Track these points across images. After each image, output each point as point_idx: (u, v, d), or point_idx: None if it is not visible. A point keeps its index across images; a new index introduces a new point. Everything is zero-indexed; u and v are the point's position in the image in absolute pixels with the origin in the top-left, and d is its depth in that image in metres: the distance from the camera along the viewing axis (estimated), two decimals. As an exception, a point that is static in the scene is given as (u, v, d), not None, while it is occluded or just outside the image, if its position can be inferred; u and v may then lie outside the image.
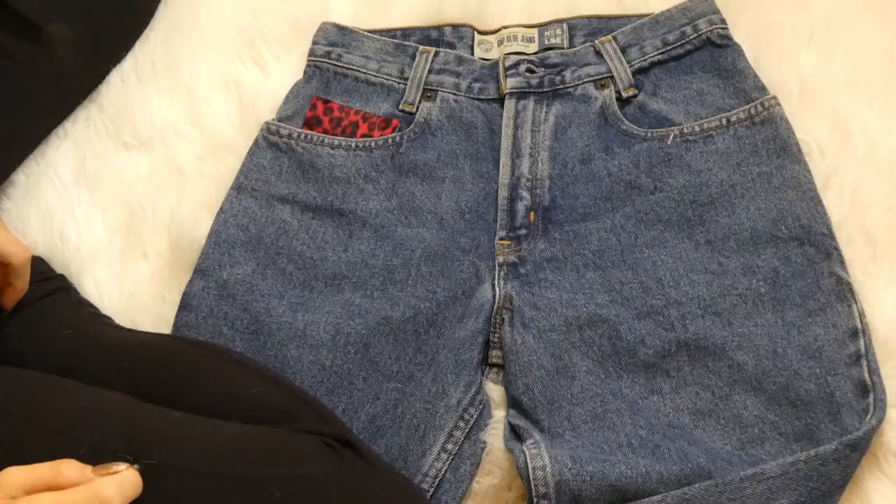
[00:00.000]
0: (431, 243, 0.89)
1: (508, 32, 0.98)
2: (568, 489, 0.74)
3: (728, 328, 0.81)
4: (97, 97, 1.02)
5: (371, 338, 0.85)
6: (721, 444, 0.77)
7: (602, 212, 0.88)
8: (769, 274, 0.82)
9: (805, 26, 0.95)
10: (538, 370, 0.82)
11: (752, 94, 0.89)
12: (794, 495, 0.73)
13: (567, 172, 0.90)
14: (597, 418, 0.79)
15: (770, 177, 0.86)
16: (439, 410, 0.81)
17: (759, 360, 0.79)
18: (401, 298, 0.87)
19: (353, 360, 0.84)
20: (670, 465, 0.75)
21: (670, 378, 0.80)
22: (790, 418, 0.77)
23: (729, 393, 0.79)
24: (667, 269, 0.84)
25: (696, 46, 0.93)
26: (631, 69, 0.93)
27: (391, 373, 0.84)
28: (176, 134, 0.99)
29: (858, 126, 0.89)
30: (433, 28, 0.99)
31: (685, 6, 0.94)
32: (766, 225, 0.84)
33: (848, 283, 0.81)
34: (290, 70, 1.00)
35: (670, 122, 0.90)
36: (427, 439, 0.80)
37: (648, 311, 0.83)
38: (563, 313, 0.84)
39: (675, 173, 0.88)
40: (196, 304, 0.88)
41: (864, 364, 0.78)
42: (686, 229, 0.86)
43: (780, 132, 0.87)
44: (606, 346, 0.82)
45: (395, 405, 0.82)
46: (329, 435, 0.69)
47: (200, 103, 1.00)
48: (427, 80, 0.96)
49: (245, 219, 0.91)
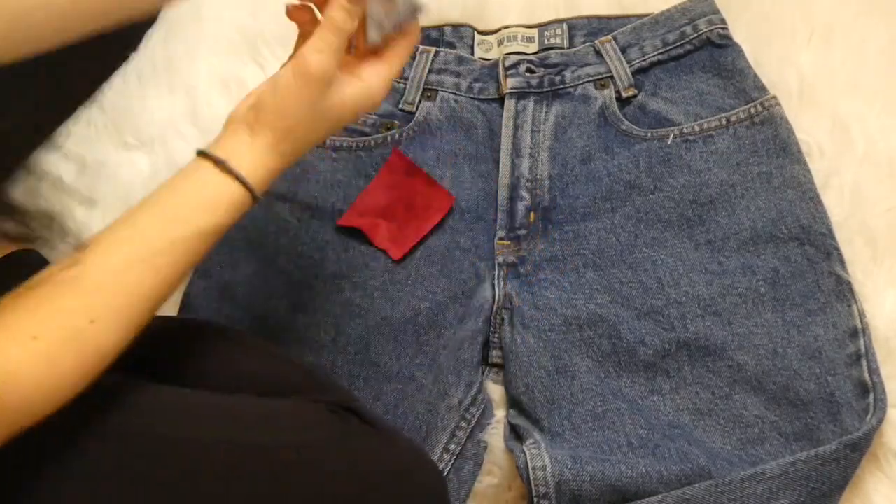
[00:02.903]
0: (431, 243, 0.89)
1: (508, 32, 0.98)
2: (568, 489, 0.74)
3: (728, 328, 0.81)
4: (98, 97, 1.02)
5: (371, 338, 0.85)
6: (721, 444, 0.77)
7: (602, 212, 0.88)
8: (769, 274, 0.82)
9: (805, 26, 0.95)
10: (538, 370, 0.82)
11: (751, 93, 0.89)
12: (794, 495, 0.73)
13: (567, 172, 0.90)
14: (597, 418, 0.79)
15: (770, 177, 0.86)
16: (441, 411, 0.81)
17: (759, 360, 0.79)
18: (401, 298, 0.87)
19: (353, 360, 0.84)
20: (670, 465, 0.75)
21: (670, 378, 0.81)
22: (790, 418, 0.77)
23: (729, 393, 0.79)
24: (667, 269, 0.84)
25: (696, 46, 0.93)
26: (631, 69, 0.93)
27: (392, 373, 0.84)
28: (176, 134, 0.99)
29: (858, 126, 0.89)
30: (433, 28, 0.99)
31: (685, 6, 0.94)
32: (766, 225, 0.84)
33: (848, 282, 0.81)
34: (290, 70, 1.00)
35: (670, 122, 0.90)
36: (429, 440, 0.80)
37: (648, 310, 0.83)
38: (563, 313, 0.84)
39: (675, 173, 0.88)
40: (197, 305, 0.88)
41: (864, 364, 0.78)
42: (686, 229, 0.86)
43: (780, 132, 0.87)
44: (606, 345, 0.82)
45: (395, 406, 0.82)
46: (333, 402, 0.69)
47: (200, 103, 1.00)
48: (427, 80, 0.96)
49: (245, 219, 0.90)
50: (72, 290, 0.61)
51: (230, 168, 0.64)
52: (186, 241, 0.63)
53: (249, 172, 0.65)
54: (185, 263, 0.64)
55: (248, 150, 0.66)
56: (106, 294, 0.60)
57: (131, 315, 0.61)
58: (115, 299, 0.61)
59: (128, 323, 0.61)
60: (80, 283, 0.61)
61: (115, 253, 0.62)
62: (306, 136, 0.68)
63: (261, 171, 0.66)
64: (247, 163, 0.65)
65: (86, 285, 0.61)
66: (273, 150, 0.66)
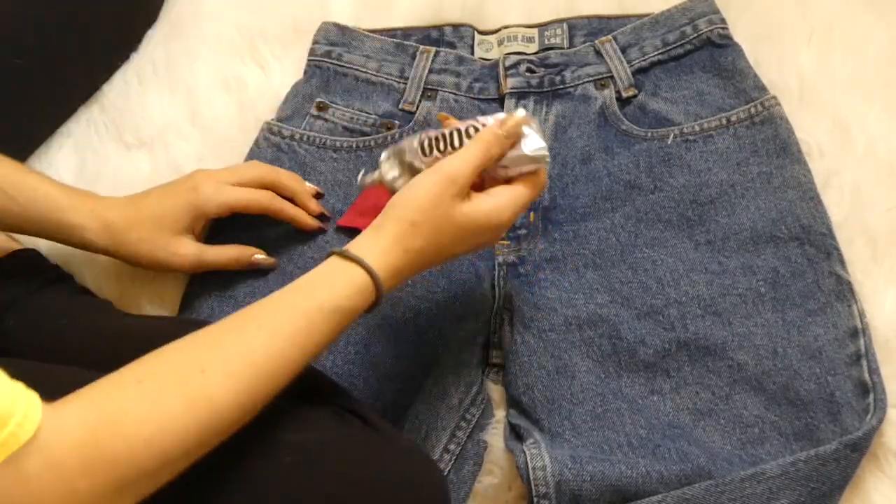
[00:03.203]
0: (432, 243, 0.89)
1: (508, 32, 0.98)
2: (568, 489, 0.74)
3: (728, 328, 0.81)
4: (99, 97, 1.02)
5: (371, 338, 0.85)
6: (721, 444, 0.77)
7: (602, 212, 0.88)
8: (769, 274, 0.82)
9: (805, 26, 0.95)
10: (538, 370, 0.82)
11: (752, 93, 0.89)
12: (794, 495, 0.73)
13: (567, 172, 0.90)
14: (597, 418, 0.79)
15: (770, 177, 0.86)
16: (441, 411, 0.81)
17: (760, 360, 0.79)
18: (400, 298, 0.87)
19: (353, 360, 0.84)
20: (670, 465, 0.75)
21: (670, 378, 0.81)
22: (790, 418, 0.77)
23: (729, 393, 0.79)
24: (667, 269, 0.84)
25: (696, 46, 0.93)
26: (631, 69, 0.93)
27: (392, 373, 0.84)
28: (176, 134, 0.99)
29: (858, 126, 0.89)
30: (433, 28, 0.99)
31: (685, 6, 0.94)
32: (766, 225, 0.84)
33: (848, 282, 0.81)
34: (290, 70, 1.01)
35: (670, 122, 0.90)
36: (429, 440, 0.80)
37: (648, 310, 0.83)
38: (562, 313, 0.84)
39: (675, 173, 0.88)
40: (197, 305, 0.88)
41: (864, 364, 0.78)
42: (686, 229, 0.86)
43: (780, 132, 0.87)
44: (606, 345, 0.82)
45: (395, 406, 0.82)
46: (336, 405, 0.69)
47: (200, 103, 1.00)
48: (427, 80, 0.96)
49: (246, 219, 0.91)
50: (182, 343, 0.60)
51: (349, 253, 0.67)
52: (307, 314, 0.63)
53: (371, 258, 0.67)
54: (304, 337, 0.63)
55: (372, 241, 0.68)
56: (218, 348, 0.60)
57: (243, 374, 0.59)
58: (228, 354, 0.60)
59: (239, 383, 0.59)
60: (192, 338, 0.61)
61: (231, 318, 0.63)
62: (437, 238, 0.69)
63: (382, 259, 0.67)
64: (368, 249, 0.67)
65: (197, 340, 0.61)
66: (397, 243, 0.68)
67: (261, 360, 0.60)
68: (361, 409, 0.70)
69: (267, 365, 0.60)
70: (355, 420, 0.69)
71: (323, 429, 0.67)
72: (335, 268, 0.67)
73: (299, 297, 0.64)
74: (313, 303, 0.64)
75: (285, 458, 0.63)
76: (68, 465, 0.51)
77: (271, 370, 0.61)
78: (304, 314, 0.63)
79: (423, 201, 0.69)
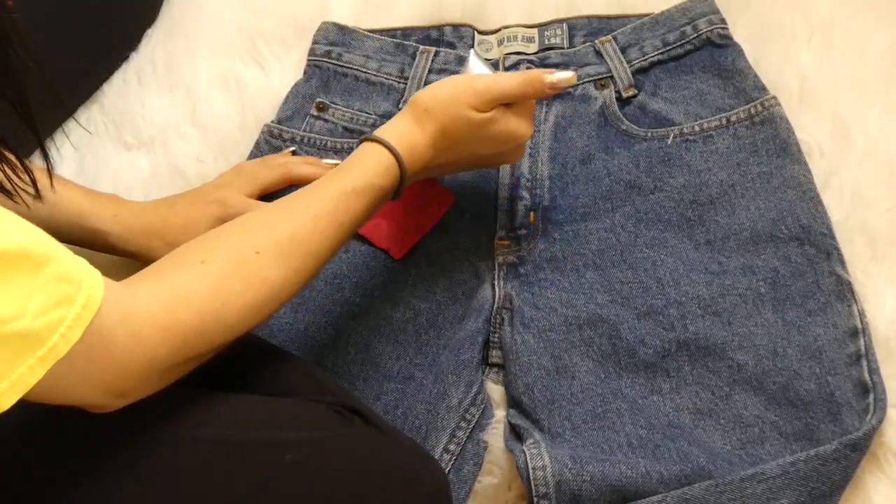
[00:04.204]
0: (431, 243, 0.89)
1: (508, 32, 0.98)
2: (568, 489, 0.74)
3: (728, 328, 0.81)
4: (98, 97, 1.02)
5: (371, 338, 0.85)
6: (721, 444, 0.77)
7: (602, 212, 0.88)
8: (769, 274, 0.82)
9: (805, 26, 0.95)
10: (538, 370, 0.82)
11: (752, 93, 0.89)
12: (794, 495, 0.73)
13: (567, 172, 0.90)
14: (597, 418, 0.79)
15: (770, 177, 0.86)
16: (441, 411, 0.81)
17: (759, 360, 0.79)
18: (401, 298, 0.87)
19: (353, 360, 0.84)
20: (670, 465, 0.75)
21: (670, 378, 0.80)
22: (790, 418, 0.77)
23: (729, 393, 0.79)
24: (667, 269, 0.84)
25: (696, 46, 0.93)
26: (631, 69, 0.93)
27: (392, 373, 0.84)
28: (176, 134, 0.99)
29: (858, 126, 0.89)
30: (433, 28, 0.99)
31: (685, 6, 0.94)
32: (765, 225, 0.84)
33: (848, 282, 0.81)
34: (290, 70, 1.01)
35: (670, 122, 0.90)
36: (429, 440, 0.80)
37: (648, 310, 0.83)
38: (562, 313, 0.84)
39: (675, 173, 0.88)
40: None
41: (865, 364, 0.78)
42: (686, 229, 0.86)
43: (780, 132, 0.87)
44: (606, 345, 0.82)
45: (395, 406, 0.82)
46: (337, 403, 0.70)
47: (200, 103, 1.00)
48: (427, 80, 0.96)
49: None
50: (237, 226, 0.68)
51: (373, 136, 0.74)
52: (344, 194, 0.70)
53: (396, 141, 0.74)
54: (343, 215, 0.70)
55: (394, 125, 0.76)
56: (269, 231, 0.67)
57: (293, 254, 0.66)
58: (278, 236, 0.66)
59: (290, 261, 0.66)
60: (245, 221, 0.68)
61: (278, 202, 0.71)
62: (452, 127, 0.75)
63: (404, 138, 0.74)
64: (389, 131, 0.75)
65: (250, 223, 0.68)
66: (414, 124, 0.75)
67: (306, 241, 0.68)
68: (362, 408, 0.70)
69: (312, 245, 0.68)
70: (356, 418, 0.69)
71: (324, 427, 0.67)
72: (364, 151, 0.74)
73: (336, 180, 0.71)
74: (348, 184, 0.71)
75: (286, 456, 0.63)
76: (149, 335, 0.58)
77: (315, 250, 0.68)
78: (342, 195, 0.70)
79: (440, 93, 0.76)
